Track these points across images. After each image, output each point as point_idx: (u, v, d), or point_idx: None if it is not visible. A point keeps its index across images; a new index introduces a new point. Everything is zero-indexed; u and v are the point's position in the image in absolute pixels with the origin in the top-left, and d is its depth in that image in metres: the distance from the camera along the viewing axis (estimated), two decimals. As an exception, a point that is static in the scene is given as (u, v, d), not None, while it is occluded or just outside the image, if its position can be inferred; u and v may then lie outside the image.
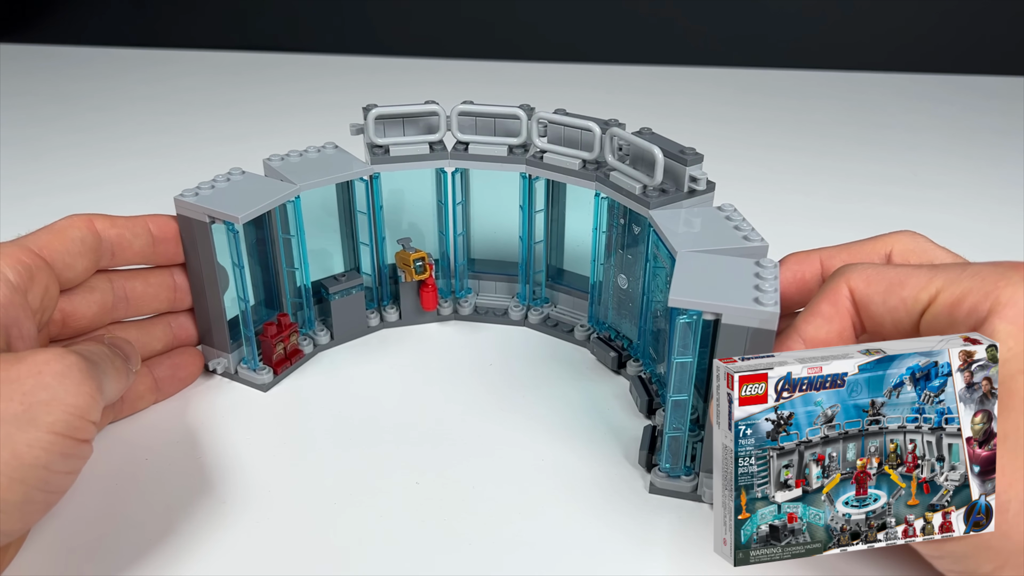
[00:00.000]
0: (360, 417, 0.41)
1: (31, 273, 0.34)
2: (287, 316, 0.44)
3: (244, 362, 0.43)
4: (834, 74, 1.05)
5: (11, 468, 0.27)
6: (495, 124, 0.46)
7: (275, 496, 0.36)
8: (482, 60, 1.10)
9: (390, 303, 0.50)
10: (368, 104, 0.45)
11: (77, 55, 1.08)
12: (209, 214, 0.39)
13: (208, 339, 0.43)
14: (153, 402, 0.42)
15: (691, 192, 0.41)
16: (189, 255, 0.40)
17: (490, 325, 0.50)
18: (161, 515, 0.35)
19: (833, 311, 0.31)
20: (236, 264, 0.40)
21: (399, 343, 0.48)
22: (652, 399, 0.42)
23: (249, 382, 0.43)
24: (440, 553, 0.33)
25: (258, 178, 0.42)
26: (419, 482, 0.37)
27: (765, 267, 0.34)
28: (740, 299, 0.32)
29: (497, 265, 0.52)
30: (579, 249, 0.49)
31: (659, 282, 0.41)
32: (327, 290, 0.46)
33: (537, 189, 0.46)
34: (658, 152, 0.39)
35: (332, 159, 0.45)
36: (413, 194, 0.48)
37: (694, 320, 0.33)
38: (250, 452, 0.39)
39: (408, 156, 0.45)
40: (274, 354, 0.43)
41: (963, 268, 0.29)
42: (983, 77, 1.03)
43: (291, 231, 0.43)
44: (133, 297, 0.40)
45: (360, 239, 0.47)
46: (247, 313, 0.41)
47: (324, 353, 0.46)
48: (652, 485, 0.37)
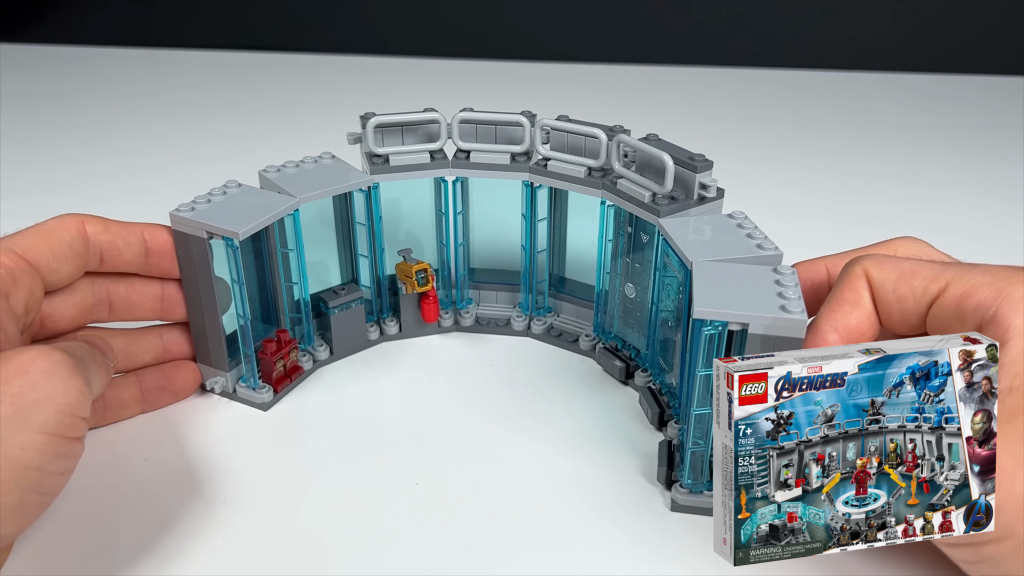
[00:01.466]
0: (366, 434, 0.44)
1: (14, 277, 0.37)
2: (286, 332, 0.47)
3: (243, 380, 0.46)
4: (834, 74, 1.11)
5: (6, 472, 0.29)
6: (496, 131, 0.49)
7: (275, 498, 0.39)
8: (480, 60, 1.15)
9: (389, 316, 0.53)
10: (366, 112, 0.49)
11: (76, 55, 1.16)
12: (207, 229, 0.41)
13: (205, 357, 0.46)
14: (139, 412, 0.44)
15: (701, 200, 0.44)
16: (185, 271, 0.43)
17: (493, 336, 0.53)
18: (160, 515, 0.38)
19: (856, 297, 0.34)
20: (236, 281, 0.43)
21: (401, 357, 0.51)
22: (663, 411, 0.45)
23: (249, 401, 0.46)
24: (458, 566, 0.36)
25: (255, 191, 0.45)
26: (437, 504, 0.40)
27: (784, 274, 0.37)
28: (767, 308, 0.34)
29: (497, 275, 0.55)
30: (582, 257, 0.53)
31: (669, 291, 0.44)
32: (326, 304, 0.49)
33: (540, 197, 0.50)
34: (668, 159, 0.42)
35: (329, 169, 0.48)
36: (410, 203, 0.51)
37: (719, 331, 0.35)
38: (250, 462, 0.42)
39: (408, 165, 0.48)
40: (274, 371, 0.46)
41: (974, 265, 0.33)
42: (983, 77, 1.08)
43: (290, 245, 0.47)
44: (116, 302, 0.43)
45: (359, 251, 0.51)
46: (247, 330, 0.44)
47: (324, 369, 0.50)
48: (674, 503, 0.39)
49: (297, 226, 0.46)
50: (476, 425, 0.45)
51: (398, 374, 0.50)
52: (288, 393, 0.47)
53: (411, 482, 0.41)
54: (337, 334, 0.50)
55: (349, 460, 0.42)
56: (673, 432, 0.44)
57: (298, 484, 0.41)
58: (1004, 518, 0.29)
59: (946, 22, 1.16)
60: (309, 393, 0.48)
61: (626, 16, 1.21)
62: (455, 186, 0.50)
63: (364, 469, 0.42)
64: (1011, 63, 1.11)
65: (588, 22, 1.22)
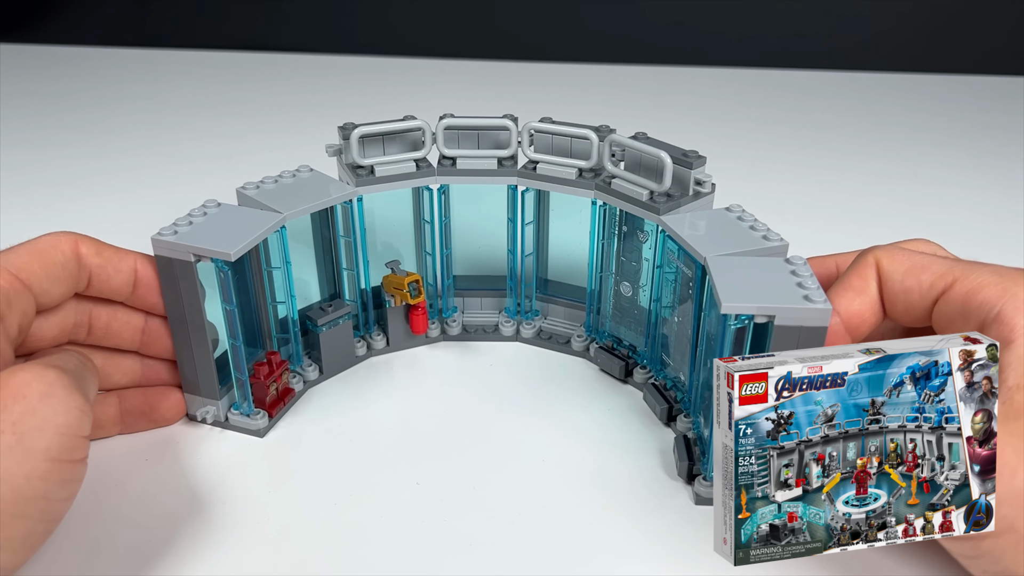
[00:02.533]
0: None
1: (9, 299, 0.38)
2: (277, 354, 0.49)
3: (235, 407, 0.48)
4: (834, 74, 1.16)
5: (12, 504, 0.30)
6: (479, 136, 0.51)
7: (276, 505, 0.42)
8: (474, 60, 1.21)
9: (375, 329, 0.55)
10: (346, 123, 0.51)
11: (76, 55, 1.21)
12: (195, 252, 0.42)
13: (192, 387, 0.47)
14: (116, 433, 0.45)
15: (696, 195, 0.47)
16: (170, 298, 0.44)
17: (482, 343, 0.56)
18: (161, 517, 0.41)
19: (863, 284, 0.37)
20: (230, 304, 0.44)
21: (392, 370, 0.53)
22: (672, 406, 0.48)
23: (243, 428, 0.47)
24: None
25: (237, 209, 0.47)
26: (437, 504, 0.42)
27: (797, 264, 0.40)
28: (791, 299, 0.37)
29: (481, 280, 0.57)
30: (568, 259, 0.55)
31: (669, 286, 0.47)
32: (314, 322, 0.51)
33: (527, 200, 0.52)
34: (667, 157, 0.44)
35: (309, 183, 0.50)
36: (383, 213, 0.53)
37: (746, 325, 0.38)
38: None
39: (395, 175, 0.50)
40: (267, 396, 0.48)
41: (983, 264, 0.36)
42: (983, 77, 1.14)
43: (275, 263, 0.49)
44: (96, 327, 0.44)
45: (343, 265, 0.52)
46: (240, 354, 0.46)
47: (315, 389, 0.52)
48: (698, 496, 0.42)
49: (284, 243, 0.48)
50: (476, 428, 0.48)
51: (392, 387, 0.52)
52: (283, 417, 0.49)
53: (411, 482, 0.44)
54: (326, 352, 0.52)
55: (350, 468, 0.45)
56: (684, 426, 0.47)
57: (298, 490, 0.43)
58: (1004, 512, 0.31)
59: (946, 22, 1.20)
60: (303, 415, 0.50)
61: (626, 16, 1.25)
62: (439, 194, 0.52)
63: (364, 472, 0.45)
64: (1011, 63, 1.16)
65: (589, 22, 1.26)
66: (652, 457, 0.46)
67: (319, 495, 0.43)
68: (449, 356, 0.55)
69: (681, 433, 0.46)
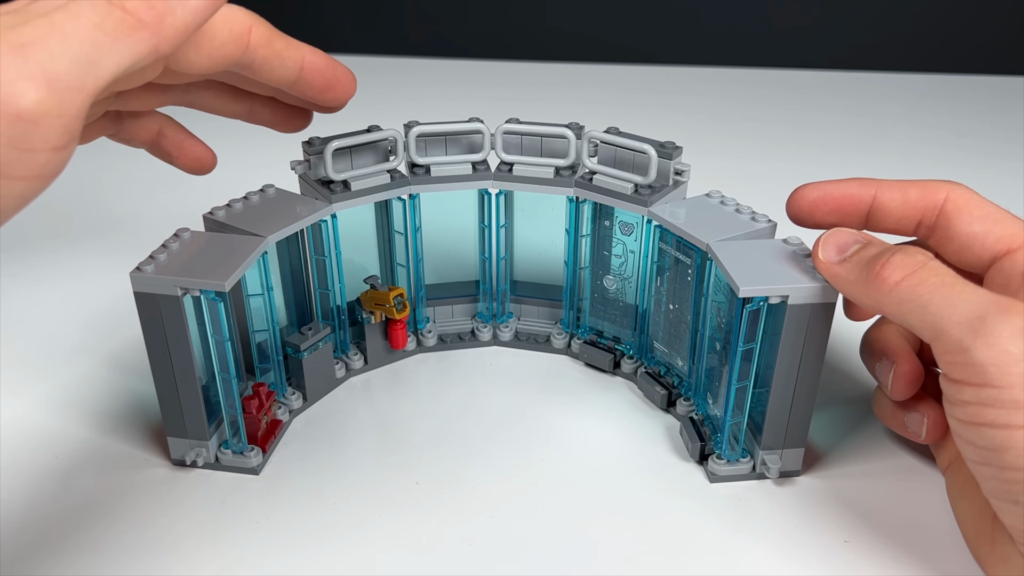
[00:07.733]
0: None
1: None
2: (264, 385, 0.46)
3: (225, 446, 0.44)
4: (834, 74, 1.18)
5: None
6: (447, 141, 0.50)
7: (276, 499, 0.42)
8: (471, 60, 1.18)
9: (352, 349, 0.53)
10: (312, 138, 0.48)
11: None
12: (182, 285, 0.39)
13: (178, 430, 0.43)
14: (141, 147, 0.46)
15: (675, 184, 0.48)
16: (152, 336, 0.41)
17: (460, 351, 0.55)
18: (161, 514, 0.41)
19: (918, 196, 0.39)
20: (225, 338, 0.41)
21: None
22: (671, 392, 0.49)
23: (237, 467, 0.44)
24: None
25: (212, 236, 0.43)
26: (437, 504, 0.42)
27: (794, 245, 0.42)
28: (802, 279, 0.39)
29: (449, 288, 0.56)
30: (538, 258, 0.55)
31: (664, 277, 0.48)
32: (295, 347, 0.48)
33: (499, 203, 0.51)
34: (652, 150, 0.45)
35: (279, 202, 0.47)
36: (346, 228, 0.50)
37: (761, 307, 0.39)
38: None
39: (370, 188, 0.48)
40: (259, 430, 0.45)
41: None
42: (983, 77, 1.16)
43: (255, 289, 0.45)
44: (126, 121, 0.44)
45: (316, 286, 0.50)
46: (232, 388, 0.43)
47: (300, 418, 0.49)
48: (712, 475, 0.43)
49: (266, 267, 0.45)
50: (473, 433, 0.47)
51: (380, 405, 0.50)
52: (275, 450, 0.46)
53: (411, 482, 0.43)
54: (310, 378, 0.49)
55: (352, 474, 0.44)
56: (685, 410, 0.48)
57: (299, 496, 0.43)
58: None
59: (946, 22, 1.23)
60: (297, 445, 0.47)
61: (626, 16, 1.24)
62: (412, 203, 0.50)
63: (365, 474, 0.44)
64: (1011, 63, 1.19)
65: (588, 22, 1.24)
66: (655, 443, 0.47)
67: (316, 490, 0.43)
68: (430, 367, 0.53)
69: (686, 415, 0.47)
